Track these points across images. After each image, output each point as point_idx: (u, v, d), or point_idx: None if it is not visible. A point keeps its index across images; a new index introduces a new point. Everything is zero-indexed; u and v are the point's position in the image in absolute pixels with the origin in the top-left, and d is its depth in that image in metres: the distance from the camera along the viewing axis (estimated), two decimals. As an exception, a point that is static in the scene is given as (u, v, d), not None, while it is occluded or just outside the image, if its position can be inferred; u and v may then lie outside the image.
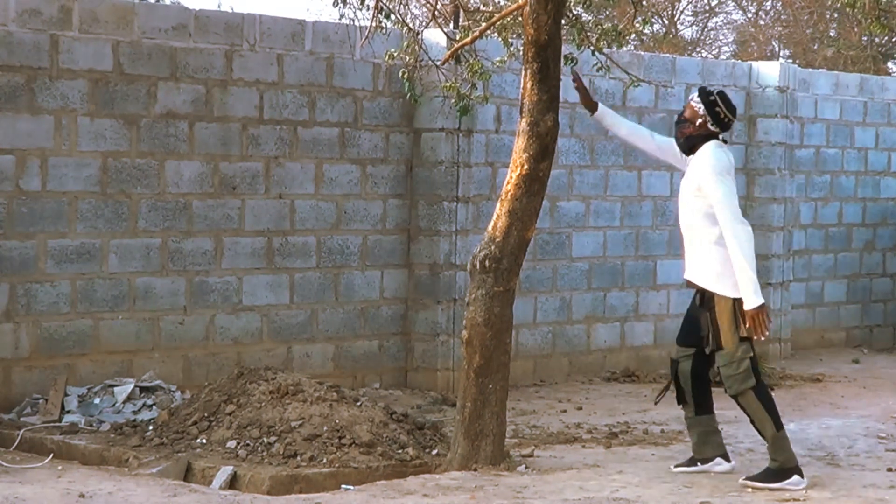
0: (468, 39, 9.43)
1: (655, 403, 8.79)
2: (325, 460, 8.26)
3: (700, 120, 8.15)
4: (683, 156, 8.30)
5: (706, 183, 8.00)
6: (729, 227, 7.89)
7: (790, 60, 25.14)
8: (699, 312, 8.13)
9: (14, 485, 7.76)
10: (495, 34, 9.96)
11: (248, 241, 10.98)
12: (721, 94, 8.22)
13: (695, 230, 8.11)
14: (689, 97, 8.34)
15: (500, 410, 8.35)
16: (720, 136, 8.19)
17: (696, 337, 8.19)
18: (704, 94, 8.20)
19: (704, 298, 8.10)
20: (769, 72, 14.58)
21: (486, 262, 8.29)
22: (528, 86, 8.25)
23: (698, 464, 8.36)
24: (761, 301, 7.85)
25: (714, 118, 8.13)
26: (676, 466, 8.43)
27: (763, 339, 8.01)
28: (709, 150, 8.11)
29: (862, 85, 15.88)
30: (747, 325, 7.86)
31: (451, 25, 15.06)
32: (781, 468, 7.96)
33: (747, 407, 8.01)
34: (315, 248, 11.37)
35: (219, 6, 21.90)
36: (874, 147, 15.96)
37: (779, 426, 8.01)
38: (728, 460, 8.39)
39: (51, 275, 10.01)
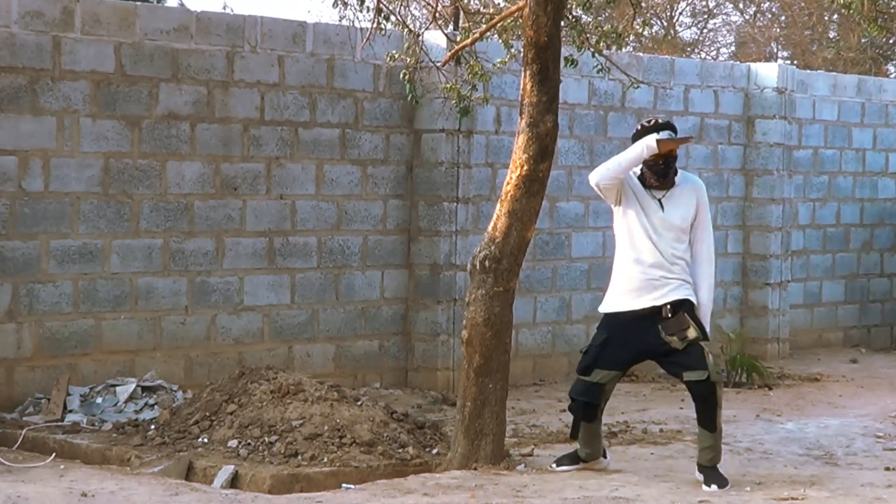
0: (468, 41, 9.47)
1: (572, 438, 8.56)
2: (325, 459, 8.29)
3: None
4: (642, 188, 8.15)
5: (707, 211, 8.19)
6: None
7: (788, 62, 25.18)
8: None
9: (17, 484, 7.78)
10: (496, 36, 10.00)
11: (250, 241, 11.02)
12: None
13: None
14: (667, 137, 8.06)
15: (500, 410, 8.39)
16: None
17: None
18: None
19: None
20: (767, 73, 14.63)
21: (486, 263, 8.33)
22: (528, 87, 8.29)
23: (580, 462, 8.42)
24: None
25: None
26: (559, 465, 8.42)
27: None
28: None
29: (860, 86, 15.93)
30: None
31: (452, 27, 15.10)
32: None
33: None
34: (316, 248, 11.41)
35: (224, 7, 21.91)
36: (872, 148, 16.01)
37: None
38: (605, 457, 8.51)
39: (53, 275, 10.05)
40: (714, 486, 7.86)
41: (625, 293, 8.11)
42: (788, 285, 14.82)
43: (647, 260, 8.04)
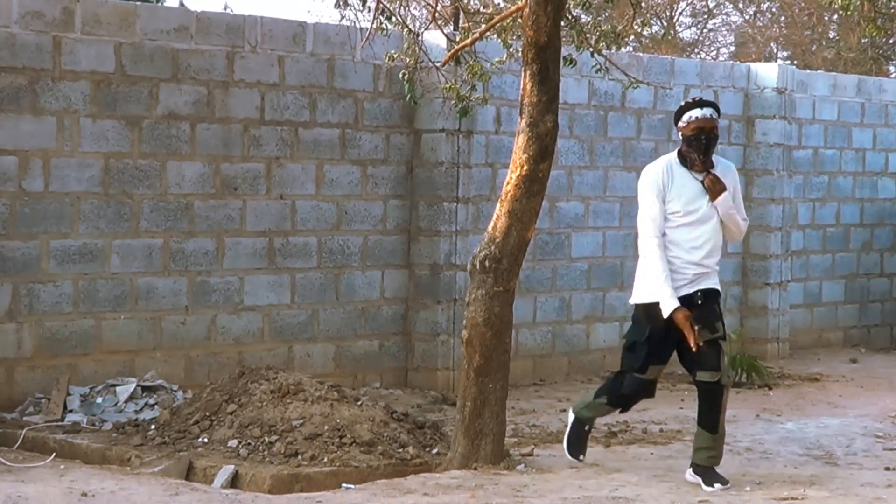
0: (468, 41, 9.48)
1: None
2: (325, 459, 8.30)
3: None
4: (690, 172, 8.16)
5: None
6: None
7: (788, 62, 25.17)
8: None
9: (17, 484, 7.80)
10: (495, 36, 10.01)
11: (250, 241, 11.03)
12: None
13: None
14: (709, 114, 8.07)
15: (500, 410, 8.40)
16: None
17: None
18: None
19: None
20: (767, 73, 14.63)
21: (486, 263, 8.34)
22: (528, 87, 8.29)
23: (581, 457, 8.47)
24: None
25: None
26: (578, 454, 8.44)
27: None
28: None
29: (859, 86, 15.93)
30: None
31: (452, 27, 15.10)
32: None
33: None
34: (316, 248, 11.42)
35: (224, 7, 21.91)
36: (871, 148, 16.01)
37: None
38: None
39: (53, 275, 10.05)
40: (718, 485, 7.87)
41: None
42: (788, 285, 14.82)
43: (693, 246, 8.04)
